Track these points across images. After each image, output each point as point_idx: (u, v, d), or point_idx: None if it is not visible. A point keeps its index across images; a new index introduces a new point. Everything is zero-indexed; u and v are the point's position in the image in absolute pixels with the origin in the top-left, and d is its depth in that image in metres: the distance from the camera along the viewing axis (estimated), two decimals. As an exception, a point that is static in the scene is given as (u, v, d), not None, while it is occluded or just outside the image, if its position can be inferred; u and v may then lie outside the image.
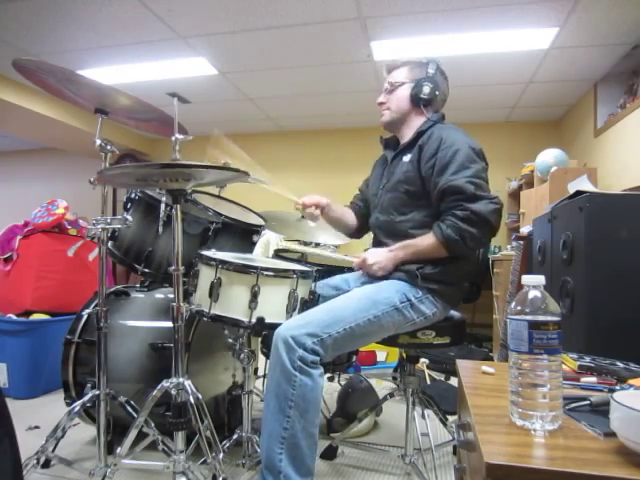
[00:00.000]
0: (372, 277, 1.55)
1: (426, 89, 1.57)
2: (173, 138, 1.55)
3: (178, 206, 1.37)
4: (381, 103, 1.66)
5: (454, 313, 1.63)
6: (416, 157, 1.52)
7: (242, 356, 1.59)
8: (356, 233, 1.86)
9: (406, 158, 1.57)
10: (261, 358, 1.90)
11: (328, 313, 1.35)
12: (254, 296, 1.34)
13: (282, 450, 1.21)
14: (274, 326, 1.31)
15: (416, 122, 1.61)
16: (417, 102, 1.59)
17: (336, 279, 1.72)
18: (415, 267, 1.47)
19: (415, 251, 1.47)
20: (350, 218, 1.82)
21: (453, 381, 2.78)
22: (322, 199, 1.70)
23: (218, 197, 2.02)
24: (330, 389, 2.49)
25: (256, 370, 2.06)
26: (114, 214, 4.15)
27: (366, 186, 1.84)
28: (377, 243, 1.65)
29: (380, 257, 1.51)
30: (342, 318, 1.34)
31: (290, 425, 1.22)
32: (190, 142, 1.62)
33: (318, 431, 1.28)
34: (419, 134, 1.56)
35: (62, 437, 1.56)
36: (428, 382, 2.71)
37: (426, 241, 1.45)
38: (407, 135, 1.62)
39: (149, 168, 1.25)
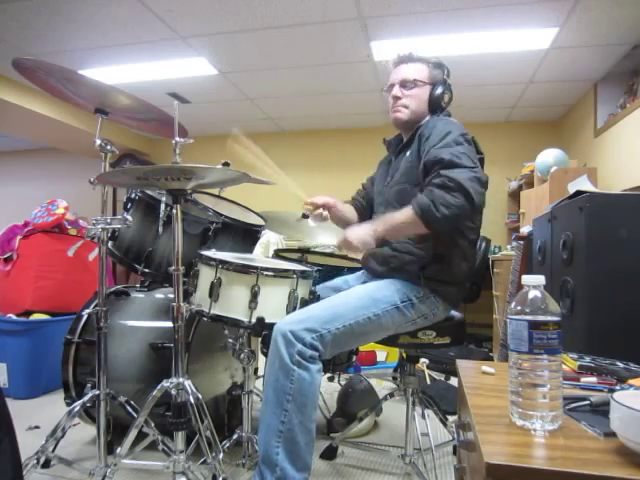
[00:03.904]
0: (377, 276, 1.54)
1: (446, 97, 1.56)
2: (173, 141, 1.54)
3: (178, 206, 1.37)
4: (397, 97, 1.57)
5: (454, 313, 1.63)
6: (416, 148, 1.51)
7: (242, 356, 1.59)
8: None
9: (408, 152, 1.57)
10: (261, 358, 1.90)
11: (328, 309, 1.35)
12: (254, 296, 1.35)
13: (279, 444, 1.22)
14: (274, 326, 1.31)
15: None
16: (435, 108, 1.57)
17: (336, 281, 1.72)
18: (417, 268, 1.46)
19: (393, 224, 1.39)
20: (352, 215, 1.78)
21: (453, 381, 2.78)
22: (330, 199, 1.66)
23: (218, 197, 2.02)
24: (330, 389, 2.49)
25: (256, 370, 2.06)
26: (114, 214, 4.15)
27: (371, 184, 1.82)
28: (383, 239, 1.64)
29: (359, 232, 1.43)
30: (342, 315, 1.34)
31: (288, 419, 1.22)
32: (190, 142, 1.62)
33: (315, 427, 1.28)
34: (418, 128, 1.55)
35: (62, 437, 1.56)
36: (428, 382, 2.71)
37: (403, 213, 1.37)
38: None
39: (151, 169, 1.25)
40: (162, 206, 1.66)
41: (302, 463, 1.23)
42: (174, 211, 1.37)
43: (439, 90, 1.55)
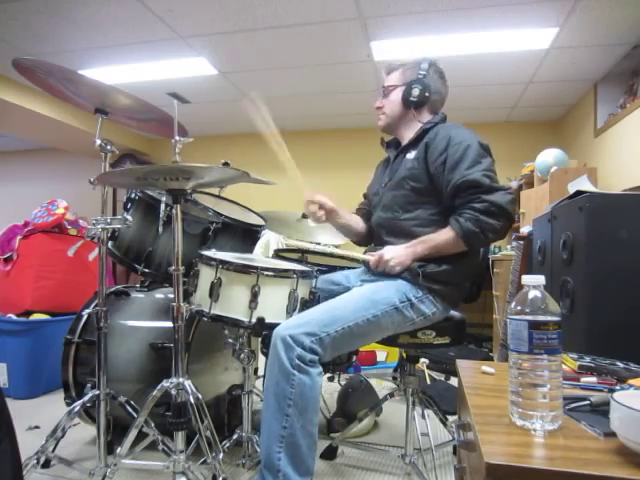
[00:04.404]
0: (377, 275, 1.54)
1: (415, 91, 1.57)
2: (173, 140, 1.54)
3: (178, 206, 1.37)
4: (378, 107, 1.68)
5: (454, 313, 1.62)
6: (422, 154, 1.51)
7: (242, 356, 1.59)
8: (364, 239, 1.80)
9: (410, 155, 1.57)
10: (261, 358, 1.90)
11: (327, 312, 1.35)
12: (254, 296, 1.34)
13: (281, 449, 1.21)
14: (274, 326, 1.31)
15: (414, 123, 1.61)
16: (408, 105, 1.59)
17: (336, 275, 1.72)
18: (417, 265, 1.46)
19: (434, 245, 1.45)
20: (358, 224, 1.77)
21: (453, 381, 2.78)
22: (328, 201, 1.63)
23: (218, 197, 2.02)
24: (330, 389, 2.49)
25: (256, 370, 2.06)
26: (114, 214, 4.14)
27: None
28: (379, 242, 1.64)
29: (398, 252, 1.47)
30: (341, 317, 1.33)
31: (289, 424, 1.22)
32: (190, 142, 1.62)
33: (317, 431, 1.28)
34: (423, 132, 1.56)
35: (62, 437, 1.56)
36: (428, 382, 2.71)
37: (444, 235, 1.44)
38: (407, 136, 1.62)
39: (151, 169, 1.25)
40: (162, 206, 1.66)
41: (304, 467, 1.23)
42: (174, 211, 1.37)
43: (408, 88, 1.58)
